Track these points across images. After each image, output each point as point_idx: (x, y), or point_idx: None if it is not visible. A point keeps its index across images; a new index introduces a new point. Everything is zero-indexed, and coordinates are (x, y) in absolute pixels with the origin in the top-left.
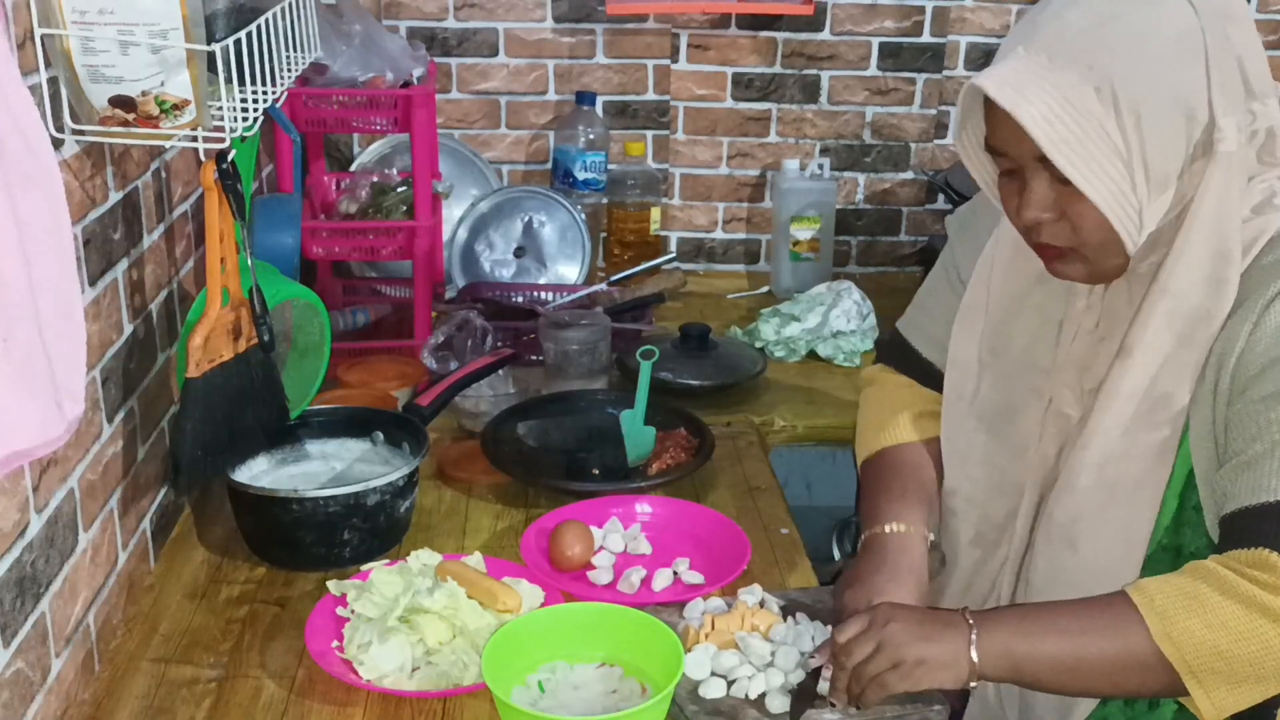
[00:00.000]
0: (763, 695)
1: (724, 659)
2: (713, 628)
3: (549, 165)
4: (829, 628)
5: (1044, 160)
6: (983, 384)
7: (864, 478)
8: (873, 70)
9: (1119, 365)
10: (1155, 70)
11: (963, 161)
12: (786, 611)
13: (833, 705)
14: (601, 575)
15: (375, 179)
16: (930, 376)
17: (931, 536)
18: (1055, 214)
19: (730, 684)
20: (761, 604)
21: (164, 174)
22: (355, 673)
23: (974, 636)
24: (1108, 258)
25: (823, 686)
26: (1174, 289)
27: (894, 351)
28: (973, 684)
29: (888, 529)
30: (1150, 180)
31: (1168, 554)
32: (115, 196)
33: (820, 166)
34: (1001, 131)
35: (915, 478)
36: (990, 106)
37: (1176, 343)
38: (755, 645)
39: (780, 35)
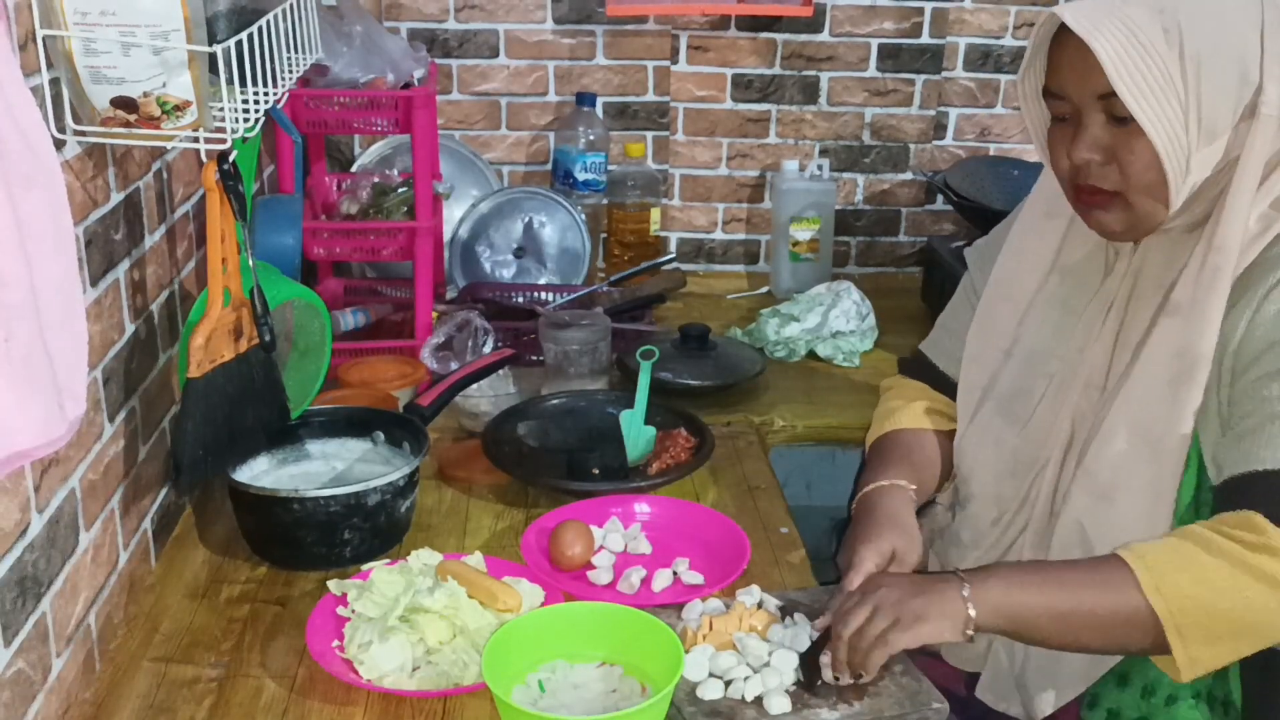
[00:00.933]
0: (760, 696)
1: (721, 660)
2: (710, 629)
3: (549, 166)
4: None
5: (1103, 99)
6: (999, 375)
7: (866, 458)
8: (872, 71)
9: (1165, 322)
10: (1220, 24)
11: (1020, 108)
12: (785, 612)
13: (837, 679)
14: (601, 575)
15: (376, 180)
16: (947, 387)
17: (913, 488)
18: (1106, 156)
19: (727, 685)
20: (760, 604)
21: (165, 175)
22: (355, 672)
23: (966, 592)
24: (1150, 206)
25: (827, 674)
26: (1225, 247)
27: (913, 365)
28: (970, 632)
29: (871, 486)
30: (1202, 128)
31: None
32: (117, 197)
33: (819, 167)
34: (1065, 71)
35: (909, 454)
36: (1056, 48)
37: (1220, 303)
38: (752, 646)
39: (780, 36)
